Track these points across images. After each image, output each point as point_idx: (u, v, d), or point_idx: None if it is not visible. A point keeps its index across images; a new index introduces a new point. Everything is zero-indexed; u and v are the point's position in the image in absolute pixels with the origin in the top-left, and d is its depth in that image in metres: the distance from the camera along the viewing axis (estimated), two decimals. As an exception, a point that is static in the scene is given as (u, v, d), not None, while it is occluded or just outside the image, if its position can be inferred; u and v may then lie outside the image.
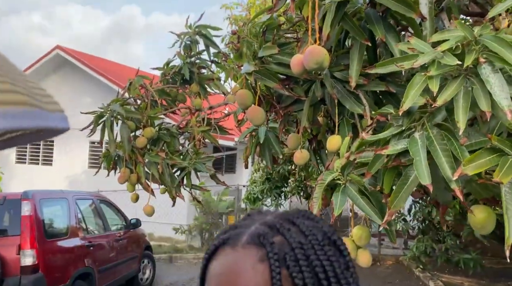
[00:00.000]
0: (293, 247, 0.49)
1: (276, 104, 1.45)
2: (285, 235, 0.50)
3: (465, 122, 0.84)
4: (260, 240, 0.49)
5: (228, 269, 0.49)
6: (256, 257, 0.48)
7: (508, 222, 0.79)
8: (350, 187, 1.17)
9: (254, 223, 0.52)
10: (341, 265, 0.51)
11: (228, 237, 0.51)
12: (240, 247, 0.49)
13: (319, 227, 0.53)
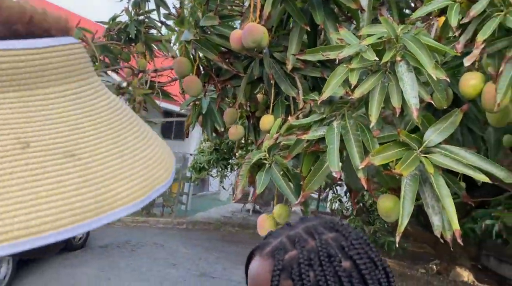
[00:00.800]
0: (300, 262, 0.56)
1: (215, 76, 1.44)
2: (298, 250, 0.57)
3: (377, 115, 0.88)
4: (275, 254, 0.57)
5: (254, 272, 0.59)
6: (269, 268, 0.56)
7: (402, 212, 0.86)
8: (274, 167, 1.21)
9: (284, 233, 0.60)
10: (355, 280, 0.55)
11: (261, 245, 0.61)
12: (262, 256, 0.58)
13: (338, 240, 0.58)
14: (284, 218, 1.29)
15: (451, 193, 0.91)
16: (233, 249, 7.19)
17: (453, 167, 0.89)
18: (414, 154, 0.90)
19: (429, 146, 0.92)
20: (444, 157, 0.91)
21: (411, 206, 0.86)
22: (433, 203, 0.91)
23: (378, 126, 0.96)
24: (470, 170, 0.89)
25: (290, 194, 1.11)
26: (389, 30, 0.87)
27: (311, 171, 1.02)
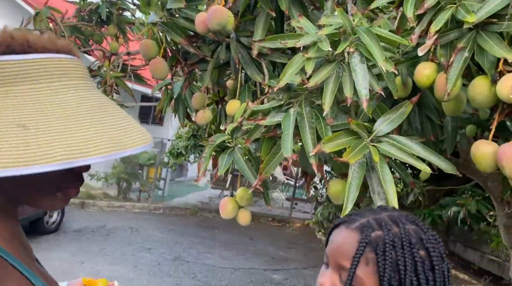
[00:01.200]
0: (385, 242, 0.67)
1: (182, 60, 1.44)
2: (384, 232, 0.67)
3: (331, 104, 0.92)
4: (363, 229, 0.68)
5: (341, 241, 0.70)
6: (355, 239, 0.68)
7: (347, 197, 0.90)
8: (237, 150, 1.24)
9: (370, 215, 0.71)
10: (426, 267, 0.66)
11: (348, 220, 0.72)
12: (350, 229, 0.69)
13: (418, 233, 0.69)
14: (245, 201, 1.32)
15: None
16: (208, 234, 7.25)
17: (398, 157, 0.94)
18: (363, 142, 0.94)
19: (378, 135, 0.97)
20: (391, 146, 0.95)
21: (356, 191, 0.90)
22: (379, 189, 0.96)
23: (333, 115, 0.99)
24: (413, 160, 0.93)
25: (251, 176, 1.14)
26: (345, 21, 0.90)
27: (268, 155, 1.06)
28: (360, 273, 0.67)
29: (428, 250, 0.68)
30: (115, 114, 0.62)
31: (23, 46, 0.59)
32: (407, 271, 0.66)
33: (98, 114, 0.60)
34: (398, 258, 0.66)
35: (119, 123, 0.60)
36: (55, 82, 0.60)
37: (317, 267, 4.63)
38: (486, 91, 0.86)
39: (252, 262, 5.82)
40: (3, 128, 0.55)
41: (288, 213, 9.58)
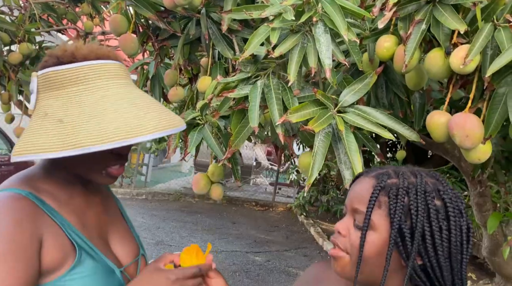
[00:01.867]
0: (399, 187, 0.69)
1: (153, 36, 1.43)
2: (400, 179, 0.70)
3: (296, 74, 0.93)
4: (379, 176, 0.71)
5: (358, 187, 0.74)
6: (371, 184, 0.71)
7: (313, 164, 0.92)
8: (206, 127, 1.24)
9: (390, 168, 0.74)
10: (440, 216, 0.67)
11: (368, 170, 0.76)
12: (368, 177, 0.73)
13: (436, 185, 0.70)
14: (217, 176, 1.34)
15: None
16: (191, 219, 7.27)
17: (363, 125, 0.96)
18: (329, 113, 0.96)
19: (344, 106, 0.98)
20: (356, 116, 0.97)
21: (321, 160, 0.92)
22: (345, 159, 0.98)
23: (299, 87, 1.00)
24: (377, 128, 0.96)
25: (218, 151, 1.15)
26: (308, -9, 0.90)
27: (238, 128, 1.07)
28: (372, 216, 0.69)
29: (444, 201, 0.68)
30: (140, 104, 0.77)
31: (69, 57, 0.77)
32: (419, 216, 0.67)
33: (123, 106, 0.76)
34: (410, 203, 0.68)
35: (138, 113, 0.75)
36: (90, 83, 0.77)
37: (299, 249, 4.75)
38: (440, 62, 0.89)
39: (234, 245, 5.88)
40: (49, 122, 0.74)
41: (271, 197, 9.67)
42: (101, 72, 0.78)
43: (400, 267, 0.70)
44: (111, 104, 0.75)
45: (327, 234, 6.69)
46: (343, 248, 0.72)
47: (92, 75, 0.77)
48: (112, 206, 1.04)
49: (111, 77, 0.79)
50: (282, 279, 4.75)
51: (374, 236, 0.69)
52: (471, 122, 0.84)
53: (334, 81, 0.94)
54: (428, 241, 0.67)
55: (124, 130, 0.72)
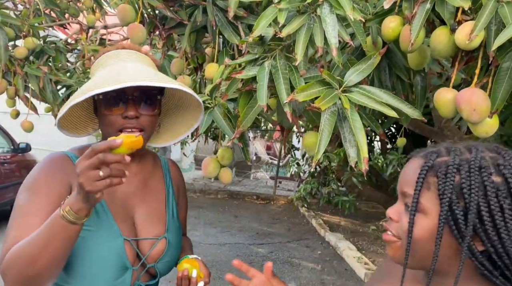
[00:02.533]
0: (449, 165, 0.64)
1: (160, 25, 1.46)
2: (451, 156, 0.66)
3: (303, 54, 0.96)
4: (427, 155, 0.68)
5: (406, 168, 0.71)
6: (419, 164, 0.68)
7: (320, 141, 0.95)
8: (216, 110, 1.28)
9: (443, 145, 0.70)
10: (501, 193, 0.60)
11: (419, 150, 0.73)
12: (417, 157, 0.70)
13: (495, 159, 0.63)
14: (226, 160, 1.37)
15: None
16: (193, 213, 7.33)
17: (367, 104, 0.99)
18: (334, 92, 1.00)
19: (348, 85, 1.02)
20: (361, 95, 1.01)
21: (328, 137, 0.96)
22: (350, 137, 1.02)
23: (305, 67, 1.04)
24: (382, 107, 0.99)
25: (229, 131, 1.19)
26: (314, -27, 0.94)
27: (246, 109, 1.10)
28: (421, 199, 0.64)
29: (505, 176, 0.61)
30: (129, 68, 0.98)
31: (104, 52, 1.06)
32: (472, 195, 0.61)
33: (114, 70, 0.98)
34: (462, 181, 0.62)
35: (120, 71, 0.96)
36: (106, 64, 1.02)
37: (301, 240, 4.82)
38: (446, 40, 0.92)
39: (237, 238, 5.94)
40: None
41: (272, 191, 9.72)
42: (114, 56, 1.04)
43: (459, 253, 0.63)
44: (108, 71, 0.98)
45: (329, 226, 6.75)
46: (395, 234, 0.69)
47: (106, 59, 1.04)
48: (156, 185, 1.13)
49: (118, 59, 1.03)
50: (285, 269, 4.81)
51: (424, 220, 0.65)
52: (477, 96, 0.87)
53: (339, 60, 0.98)
54: (488, 223, 0.60)
55: (106, 82, 0.92)
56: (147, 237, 1.05)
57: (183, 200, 1.25)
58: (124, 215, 1.03)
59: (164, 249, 1.06)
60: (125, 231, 1.01)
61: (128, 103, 0.99)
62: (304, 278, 4.57)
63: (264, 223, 7.07)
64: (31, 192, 0.95)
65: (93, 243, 0.96)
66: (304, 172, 7.49)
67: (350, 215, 7.42)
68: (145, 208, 1.08)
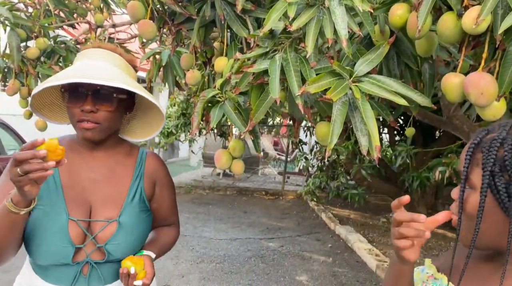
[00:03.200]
0: (494, 139, 0.65)
1: (169, 20, 1.48)
2: (499, 131, 0.66)
3: (313, 47, 0.98)
4: (477, 133, 0.69)
5: (467, 145, 0.72)
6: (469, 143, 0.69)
7: (332, 132, 0.97)
8: (227, 103, 1.30)
9: (500, 123, 0.71)
10: None
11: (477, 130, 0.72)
12: (472, 137, 0.70)
13: None
14: (238, 151, 1.39)
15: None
16: (203, 210, 7.38)
17: (378, 93, 1.00)
18: (345, 82, 1.01)
19: (359, 75, 1.03)
20: (371, 84, 1.02)
21: (340, 127, 0.98)
22: (361, 126, 1.03)
23: (315, 59, 1.05)
24: (392, 95, 1.00)
25: (240, 124, 1.21)
26: (322, -35, 0.95)
27: (258, 102, 1.12)
28: (471, 175, 0.66)
29: None
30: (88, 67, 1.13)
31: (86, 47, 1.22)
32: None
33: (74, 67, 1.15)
34: (504, 154, 0.62)
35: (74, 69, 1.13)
36: (80, 59, 1.18)
37: (311, 234, 4.85)
38: (453, 25, 0.93)
39: (247, 233, 5.98)
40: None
41: (280, 186, 9.75)
42: (85, 54, 1.18)
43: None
44: (73, 67, 1.14)
45: (338, 219, 6.76)
46: (455, 213, 0.70)
47: (80, 56, 1.20)
48: (123, 174, 1.22)
49: (89, 57, 1.17)
50: (297, 263, 4.84)
51: (474, 195, 0.66)
52: (485, 80, 0.88)
53: (349, 51, 0.99)
54: None
55: (62, 76, 1.07)
56: (98, 219, 1.14)
57: (165, 191, 1.32)
58: (80, 198, 1.14)
59: (114, 231, 1.13)
60: (75, 212, 1.12)
61: (87, 98, 1.10)
62: (315, 271, 4.60)
63: (274, 218, 7.10)
64: (5, 174, 1.09)
65: (41, 221, 1.08)
66: (313, 166, 7.50)
67: (359, 208, 7.42)
68: (105, 193, 1.17)
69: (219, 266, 4.58)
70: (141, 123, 1.36)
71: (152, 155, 1.33)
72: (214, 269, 4.45)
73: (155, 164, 1.30)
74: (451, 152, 4.66)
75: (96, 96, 1.11)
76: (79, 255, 1.12)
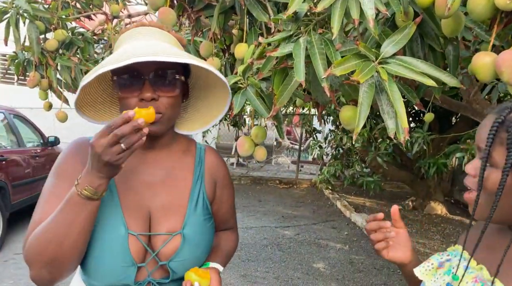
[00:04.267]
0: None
1: (188, 8, 1.48)
2: None
3: (339, 28, 0.96)
4: (500, 111, 0.69)
5: (483, 124, 0.75)
6: (492, 120, 0.71)
7: (359, 114, 0.96)
8: (249, 89, 1.29)
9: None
10: None
11: (495, 107, 0.74)
12: (492, 113, 0.73)
13: None
14: (260, 138, 1.40)
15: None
16: (219, 199, 7.44)
17: (405, 75, 0.99)
18: (371, 64, 1.00)
19: (385, 57, 1.02)
20: (398, 65, 1.01)
21: (367, 110, 0.97)
22: (388, 109, 1.02)
23: (340, 41, 1.04)
24: (420, 76, 0.99)
25: (263, 110, 1.21)
26: None
27: (281, 86, 1.12)
28: (494, 153, 0.67)
29: None
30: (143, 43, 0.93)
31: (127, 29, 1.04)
32: None
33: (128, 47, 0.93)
34: None
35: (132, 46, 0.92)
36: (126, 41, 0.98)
37: (327, 222, 4.86)
38: (484, 1, 0.90)
39: (263, 221, 6.02)
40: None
41: (294, 175, 9.75)
42: (130, 35, 0.99)
43: None
44: (122, 49, 0.92)
45: (354, 207, 6.75)
46: (473, 188, 0.71)
47: (124, 37, 1.00)
48: (183, 175, 1.03)
49: (136, 37, 0.97)
50: (313, 250, 4.86)
51: (496, 173, 0.67)
52: (519, 58, 0.85)
53: (376, 32, 0.98)
54: None
55: (115, 61, 0.86)
56: (160, 232, 0.96)
57: (225, 192, 1.12)
58: (137, 207, 0.95)
59: (179, 246, 0.96)
60: (134, 224, 0.93)
61: (144, 84, 0.91)
62: (332, 258, 4.62)
63: (289, 206, 7.12)
64: (55, 176, 0.95)
65: (97, 234, 0.91)
66: (327, 154, 7.47)
67: (375, 195, 7.39)
68: (164, 200, 0.99)
69: (236, 254, 4.63)
70: (194, 111, 1.16)
71: (211, 150, 1.15)
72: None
73: (215, 161, 1.11)
74: (469, 137, 4.58)
75: (156, 81, 0.92)
76: (140, 274, 0.94)
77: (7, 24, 2.11)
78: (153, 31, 0.99)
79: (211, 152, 1.14)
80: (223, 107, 1.10)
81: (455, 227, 5.83)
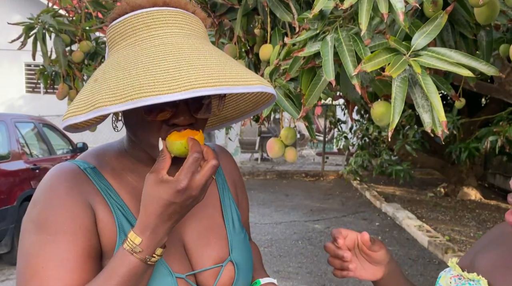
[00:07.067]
0: None
1: (211, 12, 1.48)
2: None
3: (367, 23, 0.94)
4: None
5: None
6: None
7: (394, 110, 0.94)
8: (277, 91, 1.29)
9: None
10: None
11: None
12: None
13: None
14: (290, 139, 1.39)
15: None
16: (246, 195, 7.48)
17: (439, 66, 0.96)
18: (403, 57, 0.97)
19: (416, 49, 0.99)
20: (431, 57, 0.97)
21: (401, 105, 0.94)
22: (423, 102, 0.99)
23: (369, 36, 1.02)
24: (455, 67, 0.95)
25: (293, 111, 1.20)
26: None
27: (310, 86, 1.10)
28: None
29: None
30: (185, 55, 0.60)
31: (124, 10, 0.66)
32: None
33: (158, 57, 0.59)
34: None
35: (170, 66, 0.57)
36: (137, 35, 0.64)
37: (357, 213, 4.82)
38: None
39: (291, 216, 6.01)
40: (87, 85, 0.63)
41: (320, 167, 9.69)
42: (149, 22, 0.64)
43: None
44: (147, 56, 0.60)
45: (384, 197, 6.65)
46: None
47: (139, 26, 0.64)
48: (208, 196, 0.82)
49: (161, 26, 0.64)
50: (345, 243, 4.82)
51: None
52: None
53: (406, 25, 0.95)
54: None
55: (137, 87, 0.55)
56: (207, 267, 0.77)
57: (243, 197, 0.94)
58: (170, 243, 0.74)
59: (234, 276, 0.78)
60: (175, 264, 0.74)
61: (179, 106, 0.68)
62: (364, 250, 4.57)
63: (316, 200, 7.08)
64: (43, 233, 0.65)
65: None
66: (353, 145, 7.37)
67: (404, 184, 7.26)
68: (197, 225, 0.80)
69: (268, 250, 4.65)
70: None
71: (222, 149, 0.97)
72: (263, 254, 4.52)
73: (229, 162, 0.94)
74: (501, 119, 4.42)
75: (195, 103, 0.70)
76: None
77: (34, 39, 2.18)
78: (180, 20, 0.67)
79: (223, 152, 0.96)
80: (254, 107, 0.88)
81: (491, 212, 5.65)
